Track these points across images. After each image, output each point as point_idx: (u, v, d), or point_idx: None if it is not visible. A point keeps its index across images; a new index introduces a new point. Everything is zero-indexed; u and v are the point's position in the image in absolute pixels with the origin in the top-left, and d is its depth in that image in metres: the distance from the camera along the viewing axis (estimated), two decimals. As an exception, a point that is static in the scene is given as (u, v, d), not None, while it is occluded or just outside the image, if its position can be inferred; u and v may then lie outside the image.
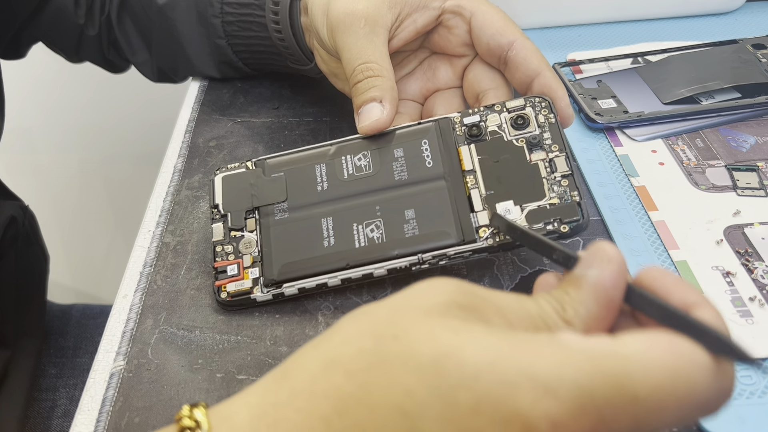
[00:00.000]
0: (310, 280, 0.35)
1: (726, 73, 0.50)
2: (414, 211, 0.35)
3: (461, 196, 0.35)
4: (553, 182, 0.35)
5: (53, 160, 1.13)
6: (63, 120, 1.10)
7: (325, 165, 0.38)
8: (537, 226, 0.33)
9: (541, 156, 0.35)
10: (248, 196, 0.38)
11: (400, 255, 0.34)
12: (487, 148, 0.36)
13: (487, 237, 0.34)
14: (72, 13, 0.54)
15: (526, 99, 0.37)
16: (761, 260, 0.37)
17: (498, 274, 0.37)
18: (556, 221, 0.33)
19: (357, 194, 0.36)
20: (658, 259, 0.37)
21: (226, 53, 0.51)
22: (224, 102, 0.52)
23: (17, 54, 0.60)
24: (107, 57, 0.57)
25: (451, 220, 0.34)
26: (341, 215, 0.36)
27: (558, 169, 0.35)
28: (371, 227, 0.35)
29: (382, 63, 0.39)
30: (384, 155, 0.37)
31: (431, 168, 0.36)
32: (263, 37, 0.48)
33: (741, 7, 0.59)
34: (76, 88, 1.05)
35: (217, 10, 0.49)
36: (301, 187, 0.37)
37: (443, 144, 0.37)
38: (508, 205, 0.34)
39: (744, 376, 0.31)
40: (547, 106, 0.37)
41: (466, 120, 0.37)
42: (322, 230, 0.36)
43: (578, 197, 0.34)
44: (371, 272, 0.35)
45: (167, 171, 0.46)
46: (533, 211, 0.34)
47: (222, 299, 0.36)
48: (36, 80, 1.00)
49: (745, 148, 0.45)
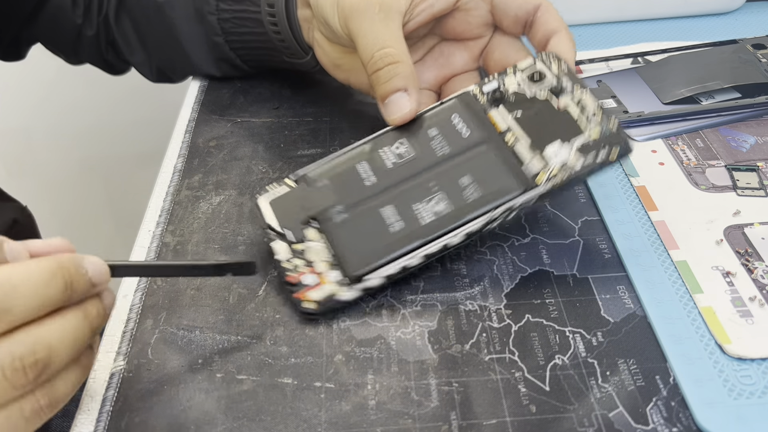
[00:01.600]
0: (393, 265, 0.35)
1: (726, 73, 0.50)
2: (468, 176, 0.36)
3: (507, 153, 0.36)
4: (587, 118, 0.35)
5: (53, 160, 1.13)
6: (63, 120, 1.10)
7: (366, 162, 0.38)
8: (589, 159, 0.34)
9: (568, 99, 0.37)
10: (299, 208, 0.37)
11: (471, 218, 0.35)
12: (514, 106, 0.37)
13: (546, 181, 0.35)
14: (70, 12, 0.54)
15: (535, 56, 0.39)
16: (761, 260, 0.37)
17: (498, 274, 0.37)
18: (605, 149, 0.34)
19: (407, 178, 0.37)
20: (658, 259, 0.37)
21: (224, 50, 0.51)
22: (224, 102, 0.52)
23: (17, 55, 0.60)
24: (106, 58, 0.57)
25: (507, 174, 0.35)
26: (399, 200, 0.36)
27: (588, 106, 0.36)
28: (432, 202, 0.36)
29: (400, 48, 0.38)
30: (420, 138, 0.38)
31: (469, 137, 0.37)
32: (259, 33, 0.48)
33: (741, 7, 0.59)
34: (76, 88, 1.05)
35: (213, 8, 0.49)
36: (349, 187, 0.37)
37: (472, 114, 0.38)
38: (555, 147, 0.35)
39: (744, 376, 0.31)
40: (555, 57, 0.38)
41: (485, 88, 0.39)
42: (384, 219, 0.36)
43: (616, 123, 0.35)
44: (448, 242, 0.35)
45: (167, 171, 0.46)
46: (581, 146, 0.35)
47: (308, 309, 0.35)
48: (36, 80, 1.00)
49: (745, 148, 0.45)
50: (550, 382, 0.32)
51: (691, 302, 0.35)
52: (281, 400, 0.32)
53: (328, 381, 0.32)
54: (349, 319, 0.35)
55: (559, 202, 0.42)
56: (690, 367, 0.32)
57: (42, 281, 0.25)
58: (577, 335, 0.34)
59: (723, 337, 0.33)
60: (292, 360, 0.33)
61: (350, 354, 0.34)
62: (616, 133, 0.34)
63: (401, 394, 0.32)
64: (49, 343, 0.25)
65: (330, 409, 0.31)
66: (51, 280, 0.25)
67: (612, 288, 0.36)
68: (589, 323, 0.34)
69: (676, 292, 0.35)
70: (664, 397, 0.31)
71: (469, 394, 0.31)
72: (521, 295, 0.36)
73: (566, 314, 0.35)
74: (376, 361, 0.33)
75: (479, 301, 0.36)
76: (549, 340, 0.34)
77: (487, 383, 0.32)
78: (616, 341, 0.34)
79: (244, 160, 0.46)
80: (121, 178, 1.13)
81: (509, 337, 0.34)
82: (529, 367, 0.33)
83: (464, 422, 0.30)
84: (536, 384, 0.32)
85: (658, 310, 0.34)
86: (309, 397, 0.32)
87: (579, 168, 0.34)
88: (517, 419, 0.30)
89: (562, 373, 0.32)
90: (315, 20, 0.43)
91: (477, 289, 0.37)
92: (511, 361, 0.33)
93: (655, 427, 0.30)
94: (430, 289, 0.37)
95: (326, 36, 0.43)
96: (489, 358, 0.33)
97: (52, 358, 0.25)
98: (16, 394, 0.25)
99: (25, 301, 0.25)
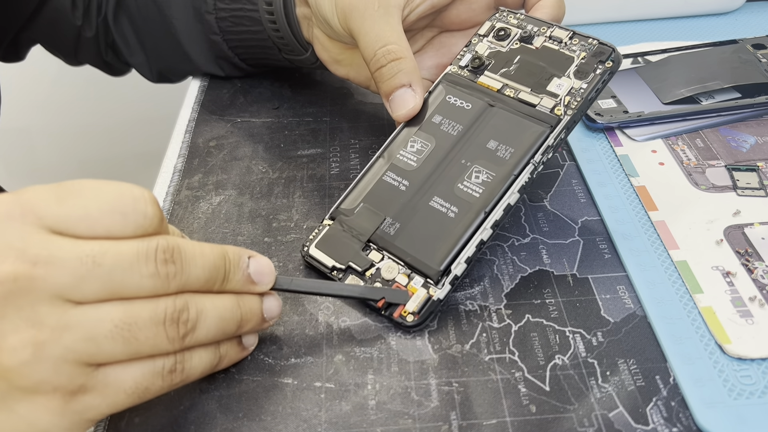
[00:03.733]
0: (468, 246, 0.35)
1: (726, 73, 0.50)
2: (493, 140, 0.37)
3: (515, 104, 0.37)
4: (566, 46, 0.37)
5: (53, 160, 1.13)
6: (63, 120, 1.10)
7: (390, 171, 0.38)
8: (589, 77, 0.36)
9: (541, 40, 0.38)
10: (350, 239, 0.37)
11: (519, 171, 0.35)
12: (497, 66, 0.39)
13: (564, 112, 0.36)
14: (69, 14, 0.54)
15: (489, 18, 0.41)
16: (761, 260, 0.37)
17: (498, 274, 0.37)
18: (599, 65, 0.36)
19: (436, 168, 0.37)
20: (658, 259, 0.37)
21: (222, 49, 0.51)
22: (224, 102, 0.52)
23: (17, 56, 0.60)
24: (105, 59, 0.57)
25: (529, 122, 0.36)
26: (440, 188, 0.37)
27: (561, 36, 0.38)
28: (474, 176, 0.36)
29: (402, 44, 0.39)
30: (428, 128, 0.39)
31: (473, 108, 0.38)
32: (256, 31, 0.48)
33: (741, 7, 0.59)
34: (76, 88, 1.05)
35: (211, 7, 0.49)
36: (386, 199, 0.37)
37: (464, 88, 0.39)
38: (556, 81, 0.37)
39: (744, 376, 0.31)
40: (510, 12, 0.40)
41: (462, 63, 0.40)
42: (437, 210, 0.36)
43: (596, 40, 0.37)
44: (509, 202, 0.35)
45: (167, 171, 0.46)
46: (578, 70, 0.36)
47: (411, 322, 0.34)
48: (36, 80, 1.00)
49: (745, 148, 0.45)
50: (550, 382, 0.32)
51: (691, 302, 0.35)
52: (281, 400, 0.32)
53: (328, 381, 0.32)
54: (349, 319, 0.35)
55: (559, 202, 0.42)
56: (690, 367, 0.32)
57: (212, 261, 0.28)
58: (577, 335, 0.34)
59: (723, 337, 0.33)
60: (292, 360, 0.33)
61: (350, 354, 0.34)
62: (599, 45, 0.36)
63: (401, 394, 0.32)
64: (202, 309, 0.28)
65: (330, 409, 0.31)
66: (219, 261, 0.29)
67: (612, 288, 0.36)
68: (589, 323, 0.34)
69: (676, 292, 0.35)
70: (664, 397, 0.31)
71: (469, 394, 0.31)
72: (521, 295, 0.36)
73: (566, 314, 0.35)
74: (376, 361, 0.33)
75: (479, 301, 0.36)
76: (549, 340, 0.34)
77: (487, 383, 0.32)
78: (616, 341, 0.34)
79: (244, 160, 0.46)
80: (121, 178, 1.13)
81: (509, 337, 0.34)
82: (529, 367, 0.33)
83: (464, 422, 0.30)
84: (536, 384, 0.32)
85: (658, 310, 0.34)
86: (309, 397, 0.32)
87: (586, 86, 0.36)
88: (517, 419, 0.30)
89: (562, 373, 0.32)
90: (314, 18, 0.43)
91: (477, 289, 0.37)
92: (511, 361, 0.33)
93: (655, 427, 0.30)
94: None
95: (326, 33, 0.43)
96: (489, 358, 0.33)
97: (199, 323, 0.28)
98: (164, 347, 0.27)
99: (197, 272, 0.28)
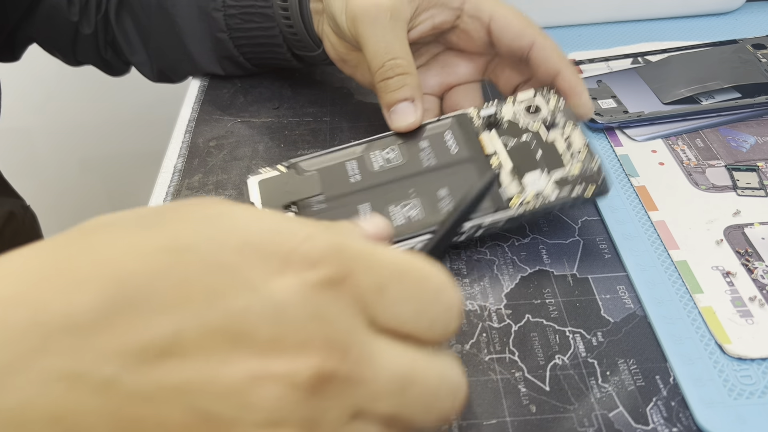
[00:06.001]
0: None
1: (726, 73, 0.50)
2: (447, 189, 0.37)
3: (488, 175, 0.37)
4: (572, 154, 0.37)
5: (53, 160, 1.13)
6: (63, 120, 1.10)
7: (356, 161, 0.40)
8: (563, 192, 0.36)
9: (557, 134, 0.38)
10: (283, 193, 0.39)
11: (435, 230, 0.35)
12: (505, 132, 0.39)
13: (518, 206, 0.36)
14: (65, 10, 0.54)
15: (536, 90, 0.40)
16: (761, 260, 0.37)
17: (498, 274, 0.37)
18: (581, 186, 0.36)
19: (389, 181, 0.38)
20: (657, 259, 0.37)
21: (228, 47, 0.51)
22: (224, 102, 0.52)
23: (12, 56, 0.60)
24: (104, 57, 0.57)
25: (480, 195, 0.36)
26: (377, 200, 0.37)
27: (574, 143, 0.37)
28: (407, 207, 0.37)
29: (409, 59, 0.39)
30: (410, 147, 0.40)
31: (456, 154, 0.39)
32: (266, 28, 0.48)
33: (741, 7, 0.59)
34: (76, 88, 1.05)
35: (219, 4, 0.49)
36: (334, 181, 0.39)
37: (465, 134, 0.39)
38: (535, 175, 0.37)
39: (744, 376, 0.31)
40: (555, 93, 0.39)
41: (482, 112, 0.40)
42: (359, 215, 0.37)
43: (598, 162, 0.36)
44: (412, 246, 0.36)
45: (167, 171, 0.46)
46: (558, 181, 0.36)
47: None
48: (36, 80, 1.00)
49: (745, 148, 0.45)
50: (550, 382, 0.32)
51: (691, 302, 0.35)
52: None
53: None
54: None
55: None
56: (690, 367, 0.32)
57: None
58: (577, 335, 0.34)
59: (723, 337, 0.33)
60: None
61: (350, 354, 0.34)
62: (596, 172, 0.36)
63: (401, 394, 0.32)
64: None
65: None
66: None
67: (612, 288, 0.36)
68: (589, 323, 0.34)
69: (676, 292, 0.35)
70: (664, 397, 0.31)
71: (469, 394, 0.31)
72: (521, 295, 0.36)
73: (566, 314, 0.35)
74: (376, 361, 0.33)
75: (479, 301, 0.36)
76: (549, 340, 0.34)
77: (487, 383, 0.32)
78: (616, 341, 0.34)
79: (244, 160, 0.46)
80: (121, 178, 1.13)
81: (509, 337, 0.34)
82: (529, 367, 0.33)
83: (464, 422, 0.30)
84: (536, 384, 0.32)
85: (658, 310, 0.34)
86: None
87: (553, 199, 0.36)
88: (517, 419, 0.30)
89: (562, 373, 0.32)
90: (325, 14, 0.44)
91: (477, 288, 0.37)
92: (511, 361, 0.33)
93: (655, 427, 0.30)
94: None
95: (334, 31, 0.44)
96: (489, 358, 0.33)
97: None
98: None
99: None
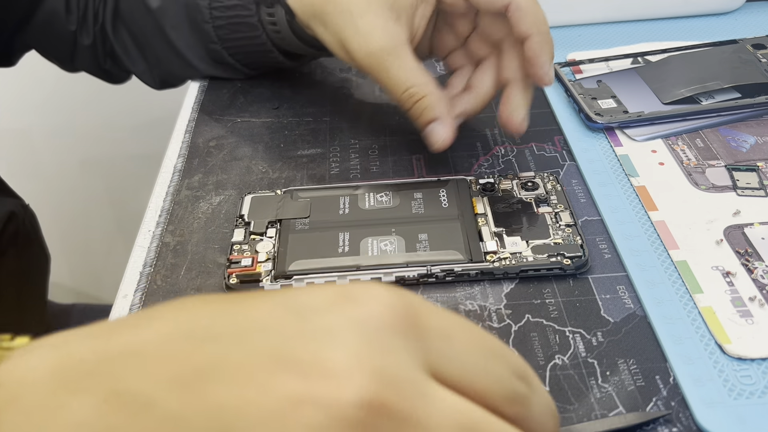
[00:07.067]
0: (320, 276, 0.37)
1: (726, 73, 0.50)
2: (427, 235, 0.38)
3: (472, 230, 0.39)
4: (558, 228, 0.38)
5: (53, 160, 1.13)
6: (63, 120, 1.10)
7: (349, 198, 0.41)
8: (541, 257, 0.37)
9: (548, 210, 0.40)
10: (272, 210, 0.41)
11: (410, 265, 0.37)
12: (498, 199, 0.41)
13: (494, 261, 0.37)
14: (63, 19, 0.53)
15: (536, 172, 0.43)
16: (761, 260, 0.37)
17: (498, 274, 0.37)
18: (560, 255, 0.37)
19: (375, 219, 0.40)
20: (657, 259, 0.37)
21: (222, 56, 0.51)
22: (224, 102, 0.52)
23: (8, 62, 0.59)
24: (104, 67, 0.56)
25: (461, 244, 0.38)
26: (358, 231, 0.39)
27: (562, 220, 0.39)
28: (385, 242, 0.38)
29: (420, 80, 0.40)
30: (404, 195, 0.41)
31: (446, 209, 0.40)
32: (253, 37, 0.49)
33: (741, 7, 0.59)
34: (76, 88, 1.05)
35: (207, 16, 0.49)
36: (323, 210, 0.41)
37: (459, 194, 0.41)
38: (516, 240, 0.38)
39: (744, 376, 0.31)
40: (555, 178, 0.42)
41: (481, 181, 0.42)
42: (338, 241, 0.38)
43: (581, 240, 0.37)
44: (380, 277, 0.36)
45: (167, 171, 0.46)
46: (538, 246, 0.37)
47: (230, 283, 0.37)
48: (36, 80, 1.00)
49: (745, 148, 0.45)
50: (550, 382, 0.32)
51: (691, 302, 0.35)
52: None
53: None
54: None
55: (559, 202, 0.42)
56: (690, 367, 0.32)
57: None
58: (577, 335, 0.34)
59: (723, 337, 0.33)
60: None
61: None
62: (578, 246, 0.37)
63: (401, 394, 0.32)
64: None
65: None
66: None
67: (612, 288, 0.36)
68: (589, 323, 0.34)
69: (676, 292, 0.35)
70: (664, 397, 0.31)
71: (469, 394, 0.31)
72: (521, 295, 0.36)
73: (566, 314, 0.35)
74: (376, 361, 0.33)
75: (479, 301, 0.36)
76: (549, 340, 0.34)
77: (487, 383, 0.32)
78: (616, 341, 0.34)
79: (244, 160, 0.46)
80: (121, 178, 1.13)
81: (509, 337, 0.34)
82: (529, 367, 0.33)
83: (464, 422, 0.30)
84: (536, 384, 0.32)
85: (658, 310, 0.34)
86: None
87: (530, 260, 0.36)
88: (517, 419, 0.30)
89: (562, 373, 0.32)
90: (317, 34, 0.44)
91: (477, 288, 0.37)
92: (511, 361, 0.33)
93: (655, 426, 0.30)
94: (430, 289, 0.37)
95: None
96: (489, 358, 0.33)
97: None
98: None
99: None
